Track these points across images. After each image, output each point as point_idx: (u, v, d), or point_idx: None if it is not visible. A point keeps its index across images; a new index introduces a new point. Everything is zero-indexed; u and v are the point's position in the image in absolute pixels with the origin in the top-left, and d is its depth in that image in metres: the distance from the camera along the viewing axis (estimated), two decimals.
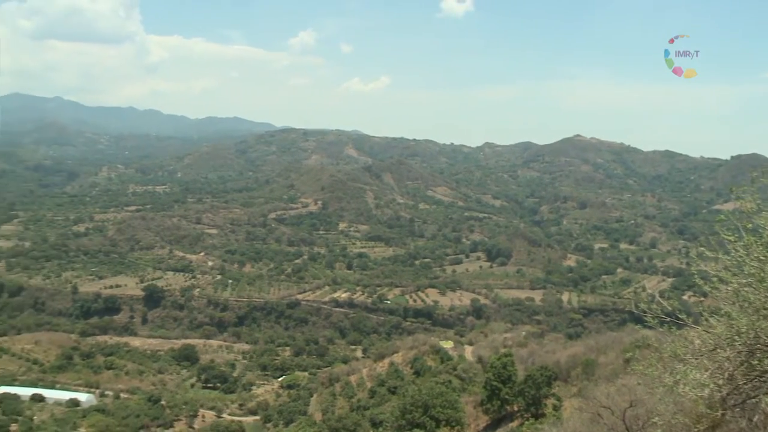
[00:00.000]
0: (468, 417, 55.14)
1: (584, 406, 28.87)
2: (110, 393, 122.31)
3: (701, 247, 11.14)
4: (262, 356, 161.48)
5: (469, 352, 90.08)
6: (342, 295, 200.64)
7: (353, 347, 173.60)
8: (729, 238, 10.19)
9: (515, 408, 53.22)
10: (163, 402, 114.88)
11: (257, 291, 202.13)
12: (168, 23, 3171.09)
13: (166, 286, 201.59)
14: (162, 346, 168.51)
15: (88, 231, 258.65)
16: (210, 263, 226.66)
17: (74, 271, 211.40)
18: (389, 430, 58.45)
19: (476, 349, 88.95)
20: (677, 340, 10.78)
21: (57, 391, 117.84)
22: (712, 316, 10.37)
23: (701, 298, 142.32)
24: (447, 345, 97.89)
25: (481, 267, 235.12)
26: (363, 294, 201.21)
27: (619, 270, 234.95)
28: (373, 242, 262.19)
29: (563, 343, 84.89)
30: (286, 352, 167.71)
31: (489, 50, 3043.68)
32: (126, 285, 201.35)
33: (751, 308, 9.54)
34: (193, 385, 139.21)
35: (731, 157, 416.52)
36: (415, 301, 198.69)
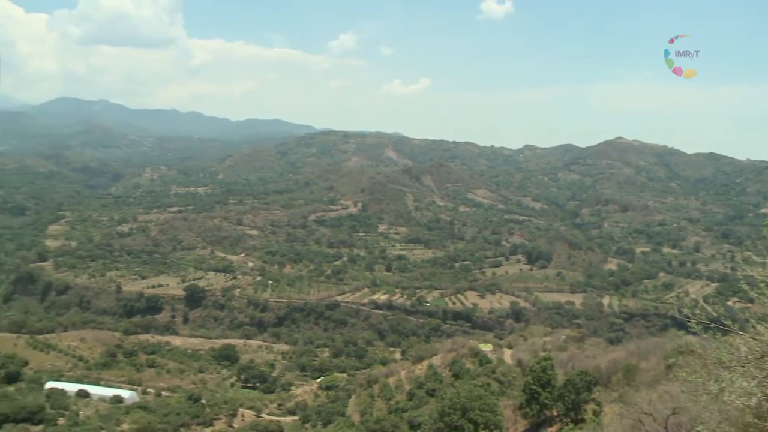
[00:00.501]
0: (506, 421, 54.71)
1: (625, 412, 28.44)
2: (152, 391, 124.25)
3: (747, 252, 10.88)
4: (301, 357, 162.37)
5: (508, 355, 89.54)
6: (381, 297, 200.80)
7: (392, 349, 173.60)
8: None
9: (554, 413, 52.72)
10: (203, 401, 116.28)
11: (297, 292, 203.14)
12: (210, 27, 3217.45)
13: (207, 286, 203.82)
14: (202, 345, 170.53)
15: (132, 231, 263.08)
16: (250, 264, 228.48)
17: (118, 270, 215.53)
18: None
19: (515, 352, 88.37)
20: (722, 346, 10.52)
21: (101, 388, 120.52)
22: (759, 323, 10.11)
23: (747, 304, 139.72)
24: (486, 348, 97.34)
25: (520, 270, 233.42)
26: (402, 296, 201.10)
27: (661, 274, 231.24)
28: (412, 244, 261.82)
29: (604, 347, 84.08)
30: (325, 353, 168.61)
31: (529, 52, 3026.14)
32: (168, 285, 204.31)
33: None
34: (232, 385, 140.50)
35: None
36: (454, 303, 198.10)
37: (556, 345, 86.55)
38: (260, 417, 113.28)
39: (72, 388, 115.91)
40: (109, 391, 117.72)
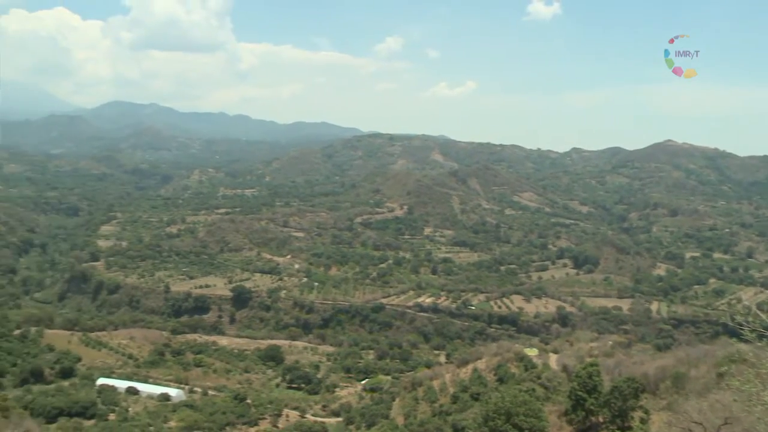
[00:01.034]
0: (551, 427, 54.15)
1: (674, 421, 27.98)
2: (198, 389, 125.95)
3: None
4: (346, 359, 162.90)
5: (553, 360, 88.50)
6: (426, 299, 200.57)
7: (437, 352, 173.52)
8: None
9: (600, 419, 52.05)
10: (248, 400, 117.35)
11: (342, 294, 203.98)
12: (258, 31, 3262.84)
13: (254, 287, 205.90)
14: (248, 345, 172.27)
15: (180, 232, 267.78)
16: (296, 266, 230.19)
17: (167, 270, 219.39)
18: None
19: (561, 357, 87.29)
20: None
21: (149, 385, 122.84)
22: None
23: None
24: (531, 353, 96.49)
25: (567, 274, 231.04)
26: (447, 299, 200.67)
27: (711, 280, 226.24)
28: (458, 247, 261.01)
29: (652, 354, 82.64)
30: (369, 355, 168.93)
31: (576, 54, 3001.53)
32: (215, 285, 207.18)
33: None
34: (278, 385, 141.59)
35: None
36: (499, 307, 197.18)
37: (603, 351, 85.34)
38: (304, 418, 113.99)
39: (122, 385, 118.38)
40: (157, 389, 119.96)
